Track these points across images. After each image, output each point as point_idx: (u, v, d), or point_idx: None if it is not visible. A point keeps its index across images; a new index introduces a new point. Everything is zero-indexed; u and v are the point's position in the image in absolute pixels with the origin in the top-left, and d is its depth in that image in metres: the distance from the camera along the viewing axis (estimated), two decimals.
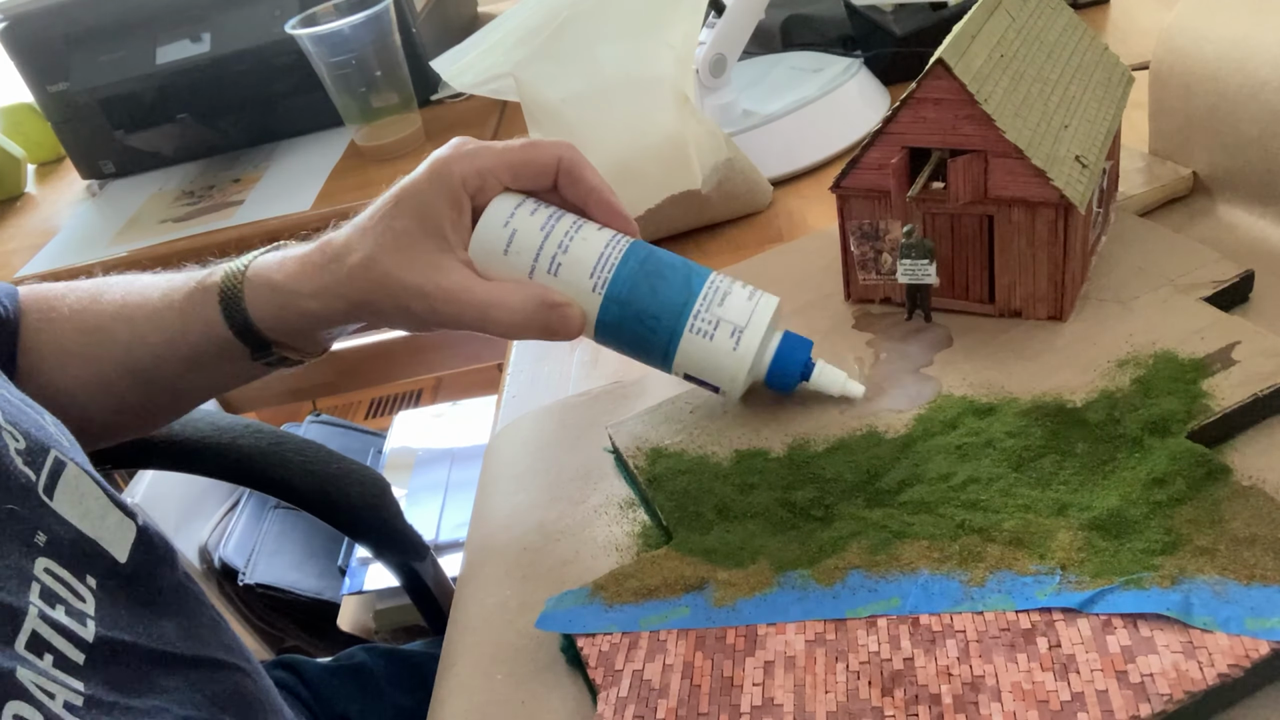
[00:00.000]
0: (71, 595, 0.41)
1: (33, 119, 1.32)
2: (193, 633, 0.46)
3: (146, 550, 0.46)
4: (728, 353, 0.48)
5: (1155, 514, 0.40)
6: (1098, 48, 0.58)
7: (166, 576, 0.47)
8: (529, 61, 0.69)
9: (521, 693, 0.42)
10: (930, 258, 0.53)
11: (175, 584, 0.47)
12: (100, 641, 0.41)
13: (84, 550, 0.42)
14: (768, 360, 0.50)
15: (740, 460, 0.49)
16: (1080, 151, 0.50)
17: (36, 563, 0.40)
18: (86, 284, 0.59)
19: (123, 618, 0.43)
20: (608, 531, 0.49)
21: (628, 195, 0.71)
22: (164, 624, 0.45)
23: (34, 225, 1.18)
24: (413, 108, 1.07)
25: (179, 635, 0.45)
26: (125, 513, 0.45)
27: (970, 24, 0.51)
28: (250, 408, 1.78)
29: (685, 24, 0.69)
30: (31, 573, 0.39)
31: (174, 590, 0.47)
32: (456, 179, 0.48)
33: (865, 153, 0.52)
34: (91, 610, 0.41)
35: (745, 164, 0.73)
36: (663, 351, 0.49)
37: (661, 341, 0.49)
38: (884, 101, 0.83)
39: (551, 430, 0.58)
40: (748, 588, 0.42)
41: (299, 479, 0.76)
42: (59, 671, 0.38)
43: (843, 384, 0.51)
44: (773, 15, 0.92)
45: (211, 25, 1.10)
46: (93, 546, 0.43)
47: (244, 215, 1.03)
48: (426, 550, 0.82)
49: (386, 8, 0.99)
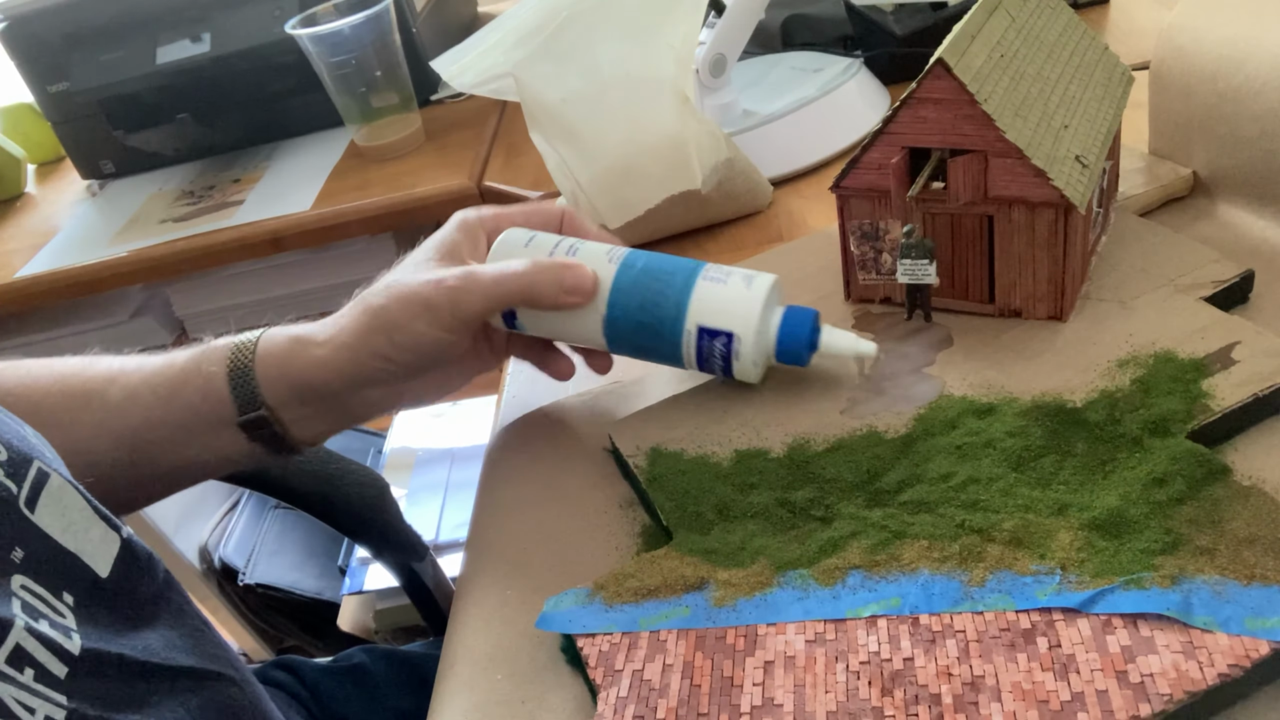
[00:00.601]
0: (51, 611, 0.40)
1: (33, 119, 1.32)
2: (176, 643, 0.45)
3: (129, 563, 0.45)
4: (741, 292, 0.50)
5: (1155, 514, 0.40)
6: (1098, 48, 0.58)
7: (148, 587, 0.46)
8: (529, 61, 0.69)
9: (521, 693, 0.42)
10: (930, 258, 0.53)
11: (156, 594, 0.46)
12: (85, 654, 0.40)
13: (63, 565, 0.41)
14: (774, 332, 0.50)
15: (740, 460, 0.49)
16: (1080, 151, 0.50)
17: (13, 580, 0.39)
18: (75, 358, 0.57)
19: (105, 632, 0.42)
20: (608, 531, 0.49)
21: (628, 195, 0.72)
22: (147, 636, 0.44)
23: (34, 225, 1.18)
24: (413, 108, 1.07)
25: (163, 646, 0.44)
26: (110, 525, 0.44)
27: (970, 24, 0.51)
28: None
29: (685, 24, 0.69)
30: (10, 589, 0.38)
31: (155, 601, 0.46)
32: (474, 221, 0.55)
33: (865, 153, 0.52)
34: (73, 624, 0.40)
35: (745, 164, 0.73)
36: (676, 303, 0.50)
37: (675, 292, 0.50)
38: (884, 101, 0.83)
39: (551, 431, 0.58)
40: (748, 588, 0.42)
41: (299, 479, 0.76)
42: (40, 685, 0.37)
43: (854, 343, 0.51)
44: (773, 15, 0.92)
45: (211, 25, 1.10)
46: (73, 560, 0.42)
47: (244, 215, 1.03)
48: (426, 550, 0.82)
49: (386, 8, 0.99)
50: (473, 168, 0.99)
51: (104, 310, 1.13)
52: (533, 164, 0.94)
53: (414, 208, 0.97)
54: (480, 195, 0.95)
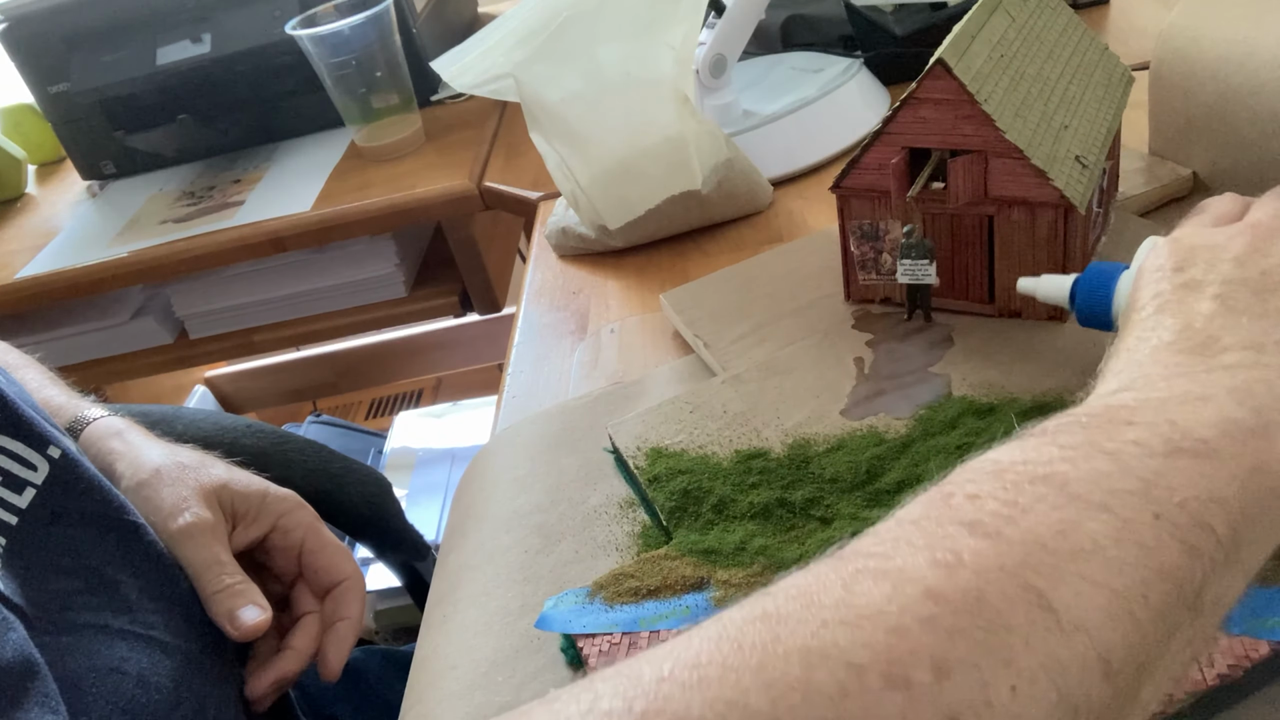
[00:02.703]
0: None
1: (33, 119, 1.32)
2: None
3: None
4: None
5: None
6: (1098, 48, 0.58)
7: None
8: (529, 62, 0.69)
9: (521, 693, 0.42)
10: (930, 258, 0.53)
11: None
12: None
13: None
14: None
15: (740, 460, 0.49)
16: (1080, 151, 0.50)
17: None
18: None
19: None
20: (608, 531, 0.49)
21: (628, 195, 0.72)
22: None
23: (34, 226, 1.18)
24: (413, 108, 1.07)
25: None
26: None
27: (970, 24, 0.51)
28: (251, 408, 1.78)
29: (685, 24, 0.69)
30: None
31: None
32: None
33: (865, 153, 0.52)
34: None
35: (745, 164, 0.73)
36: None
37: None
38: (884, 101, 0.83)
39: (551, 432, 0.58)
40: (748, 588, 0.42)
41: (300, 479, 0.76)
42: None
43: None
44: (773, 15, 0.92)
45: (212, 25, 1.10)
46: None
47: (244, 216, 1.03)
48: (428, 550, 0.82)
49: (387, 8, 0.99)
50: (473, 168, 0.99)
51: (104, 311, 1.13)
52: (533, 164, 0.94)
53: (414, 208, 0.97)
54: (480, 195, 0.95)
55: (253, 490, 0.58)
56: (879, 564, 0.23)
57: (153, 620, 0.49)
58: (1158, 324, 0.32)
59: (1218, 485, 0.25)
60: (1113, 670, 0.22)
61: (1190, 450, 0.25)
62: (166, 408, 0.77)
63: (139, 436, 0.58)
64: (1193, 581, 0.24)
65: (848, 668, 0.20)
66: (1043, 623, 0.22)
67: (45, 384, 0.63)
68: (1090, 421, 0.27)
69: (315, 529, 0.59)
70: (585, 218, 0.75)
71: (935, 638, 0.21)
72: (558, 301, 0.73)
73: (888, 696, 0.20)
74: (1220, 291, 0.32)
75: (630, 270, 0.73)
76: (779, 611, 0.22)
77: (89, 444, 0.57)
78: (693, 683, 0.20)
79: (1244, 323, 0.30)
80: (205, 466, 0.57)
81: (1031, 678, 0.21)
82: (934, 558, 0.23)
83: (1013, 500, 0.24)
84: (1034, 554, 0.23)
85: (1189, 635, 0.24)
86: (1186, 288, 0.33)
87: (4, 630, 0.39)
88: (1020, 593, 0.22)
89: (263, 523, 0.58)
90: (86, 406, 0.61)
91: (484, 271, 1.08)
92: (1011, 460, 0.26)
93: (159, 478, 0.55)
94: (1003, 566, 0.22)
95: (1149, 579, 0.23)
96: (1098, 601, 0.22)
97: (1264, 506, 0.25)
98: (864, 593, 0.22)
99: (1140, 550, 0.23)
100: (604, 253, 0.76)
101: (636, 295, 0.70)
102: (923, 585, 0.22)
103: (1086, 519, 0.24)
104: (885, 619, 0.21)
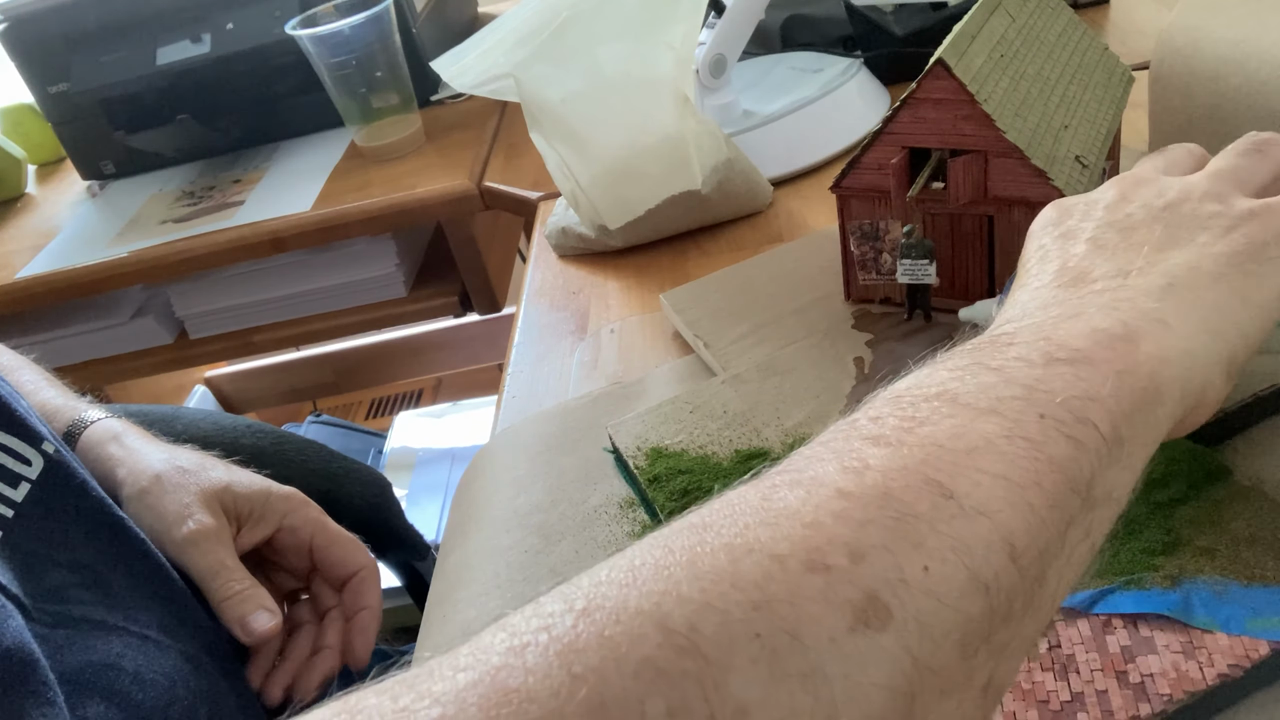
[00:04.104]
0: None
1: (33, 119, 1.32)
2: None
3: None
4: None
5: (1155, 514, 0.40)
6: (1098, 48, 0.58)
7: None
8: (529, 62, 0.69)
9: None
10: (930, 258, 0.53)
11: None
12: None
13: None
14: None
15: (740, 460, 0.49)
16: (1080, 151, 0.50)
17: None
18: None
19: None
20: (607, 531, 0.49)
21: (628, 195, 0.72)
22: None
23: (34, 226, 1.18)
24: (413, 108, 1.07)
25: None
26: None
27: (970, 24, 0.51)
28: (251, 408, 1.78)
29: (685, 24, 0.69)
30: None
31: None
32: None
33: (865, 153, 0.52)
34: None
35: (745, 164, 0.73)
36: None
37: None
38: (884, 101, 0.83)
39: (551, 432, 0.58)
40: None
41: (300, 478, 0.76)
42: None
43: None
44: (773, 15, 0.92)
45: (211, 25, 1.10)
46: None
47: (244, 216, 1.03)
48: (428, 550, 0.82)
49: (387, 8, 0.99)
50: (473, 168, 0.99)
51: (104, 311, 1.13)
52: (533, 164, 0.94)
53: (414, 208, 0.97)
54: (480, 195, 0.95)
55: (255, 491, 0.58)
56: (793, 476, 0.25)
57: (146, 618, 0.49)
58: (1040, 271, 0.35)
59: (1093, 386, 0.27)
60: (1017, 552, 0.24)
61: (1066, 359, 0.28)
62: (166, 408, 0.77)
63: (138, 440, 0.58)
64: (1081, 472, 0.26)
65: (771, 558, 0.22)
66: (946, 510, 0.24)
67: (42, 386, 0.63)
68: (975, 346, 0.30)
69: (322, 524, 0.59)
70: (585, 218, 0.75)
71: (848, 528, 0.23)
72: (558, 301, 0.73)
73: (808, 579, 0.22)
74: (1093, 234, 0.35)
75: (630, 270, 0.73)
76: (704, 521, 0.24)
77: (88, 449, 0.57)
78: (628, 581, 0.23)
79: (1111, 256, 0.34)
80: (206, 469, 0.57)
81: (942, 558, 0.23)
82: (842, 465, 0.25)
83: (910, 415, 0.27)
84: (932, 454, 0.25)
85: (1086, 526, 0.26)
86: (1065, 237, 0.36)
87: (3, 618, 0.39)
88: (923, 485, 0.24)
89: (268, 523, 0.58)
90: (85, 408, 0.61)
91: (484, 271, 1.08)
92: (906, 386, 0.29)
93: (160, 484, 0.55)
94: (905, 466, 0.25)
95: (1040, 469, 0.25)
96: (995, 491, 0.24)
97: (1136, 404, 0.28)
98: (780, 499, 0.24)
99: (1029, 444, 0.25)
100: (604, 253, 0.76)
101: (636, 295, 0.70)
102: (834, 487, 0.24)
103: (978, 422, 0.26)
104: (801, 516, 0.23)
